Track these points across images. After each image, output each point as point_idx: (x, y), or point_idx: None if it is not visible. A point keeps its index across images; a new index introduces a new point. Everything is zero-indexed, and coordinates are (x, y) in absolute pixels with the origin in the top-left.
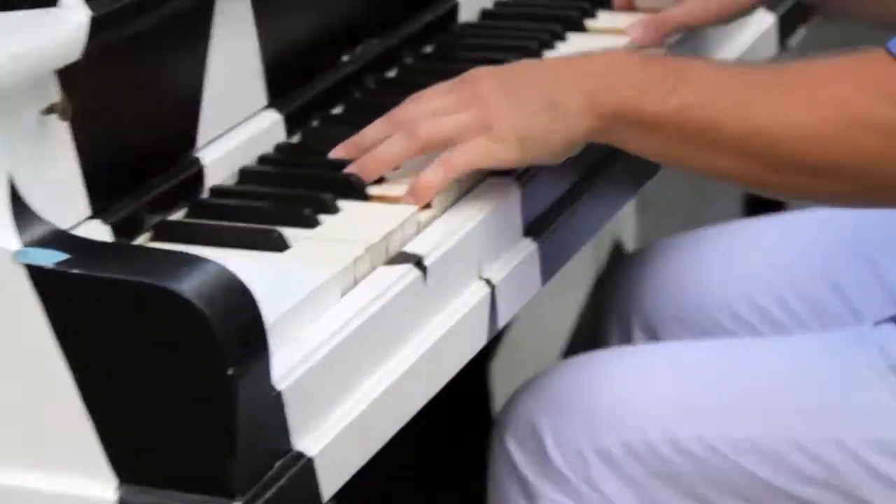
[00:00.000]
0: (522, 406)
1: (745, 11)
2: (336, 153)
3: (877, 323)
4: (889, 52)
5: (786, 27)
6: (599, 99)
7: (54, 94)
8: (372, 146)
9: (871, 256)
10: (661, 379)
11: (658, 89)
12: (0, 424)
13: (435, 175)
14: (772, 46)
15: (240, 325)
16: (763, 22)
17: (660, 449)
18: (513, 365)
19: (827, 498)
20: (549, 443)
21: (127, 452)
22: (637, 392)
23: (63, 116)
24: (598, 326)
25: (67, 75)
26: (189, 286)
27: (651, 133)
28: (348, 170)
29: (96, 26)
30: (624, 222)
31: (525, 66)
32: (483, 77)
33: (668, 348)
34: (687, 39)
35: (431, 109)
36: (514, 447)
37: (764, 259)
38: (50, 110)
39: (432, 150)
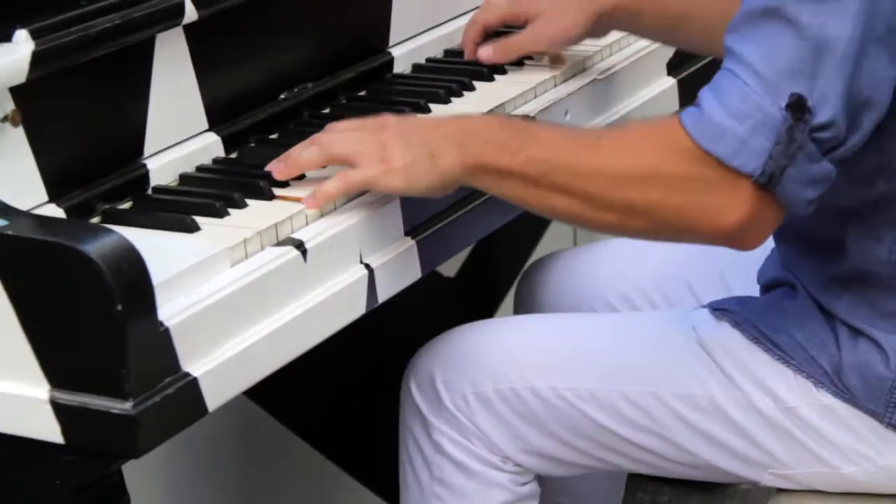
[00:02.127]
0: (424, 360)
1: (574, 42)
2: (270, 165)
3: (697, 308)
4: (681, 121)
5: (685, 89)
6: (466, 152)
7: (9, 106)
8: (293, 157)
9: (721, 266)
10: (527, 340)
11: (509, 147)
12: None
13: (333, 185)
14: (674, 104)
15: (126, 274)
16: (665, 83)
17: (523, 395)
18: None
19: (645, 438)
20: (441, 388)
21: (55, 365)
22: (507, 350)
23: (13, 123)
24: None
25: (19, 93)
26: (91, 246)
27: (503, 181)
28: (267, 168)
29: (37, 58)
30: None
31: (420, 120)
32: (388, 122)
33: (537, 319)
34: (601, 92)
35: (344, 137)
36: (416, 391)
37: (637, 264)
38: (5, 118)
39: (336, 163)
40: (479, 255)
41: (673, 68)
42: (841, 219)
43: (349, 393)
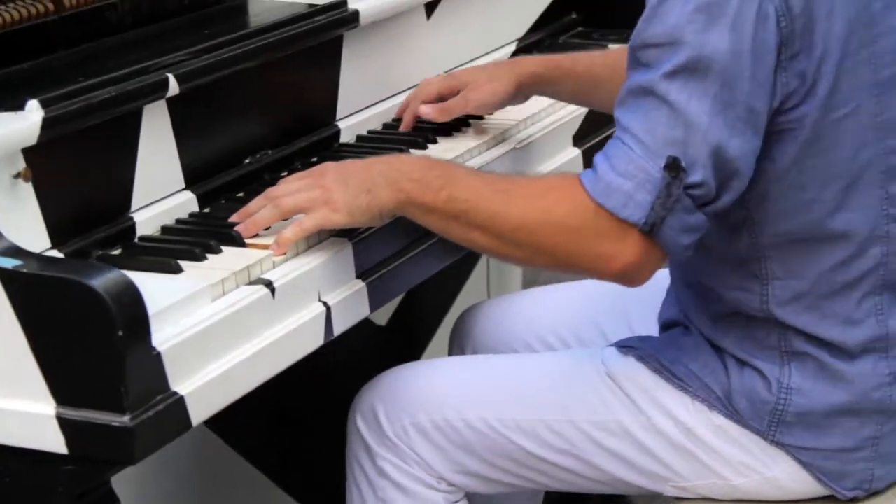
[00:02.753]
0: (367, 395)
1: (499, 106)
2: (232, 218)
3: (606, 346)
4: (580, 181)
5: (587, 156)
6: (397, 187)
7: (21, 164)
8: (253, 213)
9: (626, 309)
10: (459, 377)
11: (433, 185)
12: None
13: (291, 233)
14: (578, 169)
15: (126, 304)
16: (572, 152)
17: (456, 425)
18: None
19: (563, 459)
20: (383, 420)
21: (61, 384)
22: (441, 386)
23: (25, 179)
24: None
25: (30, 153)
26: (96, 281)
27: (428, 214)
28: (236, 229)
29: (46, 124)
30: None
31: (356, 162)
32: (328, 169)
33: (468, 359)
34: (518, 159)
35: (292, 188)
36: (360, 423)
37: (553, 310)
38: (18, 175)
39: (290, 216)
40: (406, 307)
41: (578, 139)
42: (718, 268)
43: (296, 426)
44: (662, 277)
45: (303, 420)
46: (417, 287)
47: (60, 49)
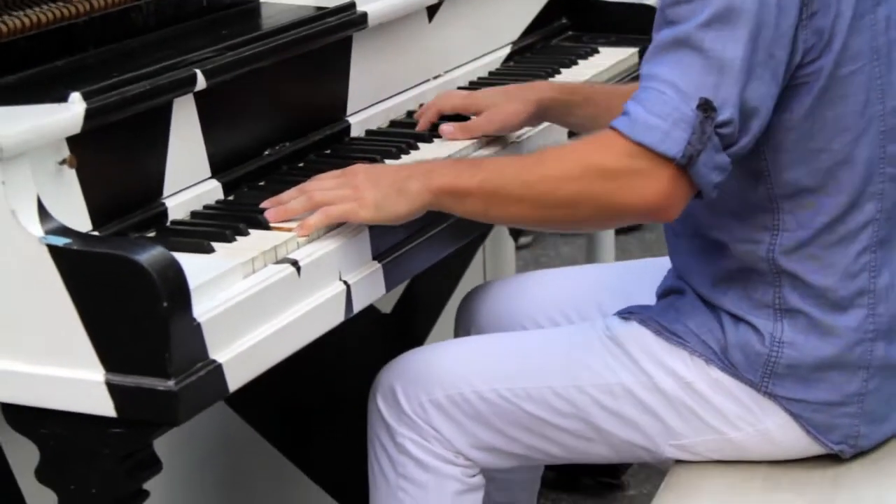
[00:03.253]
0: (386, 376)
1: (518, 128)
2: (263, 204)
3: (608, 317)
4: (613, 127)
5: None
6: (431, 181)
7: (65, 152)
8: (284, 203)
9: (626, 289)
10: (471, 354)
11: (466, 172)
12: (32, 338)
13: (317, 219)
14: None
15: (170, 278)
16: None
17: (469, 398)
18: None
19: (570, 423)
20: (402, 398)
21: (110, 353)
22: (454, 363)
23: (70, 166)
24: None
25: (74, 142)
26: (142, 256)
27: (464, 200)
28: (266, 214)
29: (88, 115)
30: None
31: (385, 166)
32: (358, 169)
33: (479, 338)
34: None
35: (325, 185)
36: (381, 403)
37: (557, 290)
38: (63, 161)
39: (318, 208)
40: (409, 295)
41: (572, 135)
42: (728, 221)
43: (311, 410)
44: (660, 263)
45: (317, 404)
46: (419, 276)
47: (91, 48)
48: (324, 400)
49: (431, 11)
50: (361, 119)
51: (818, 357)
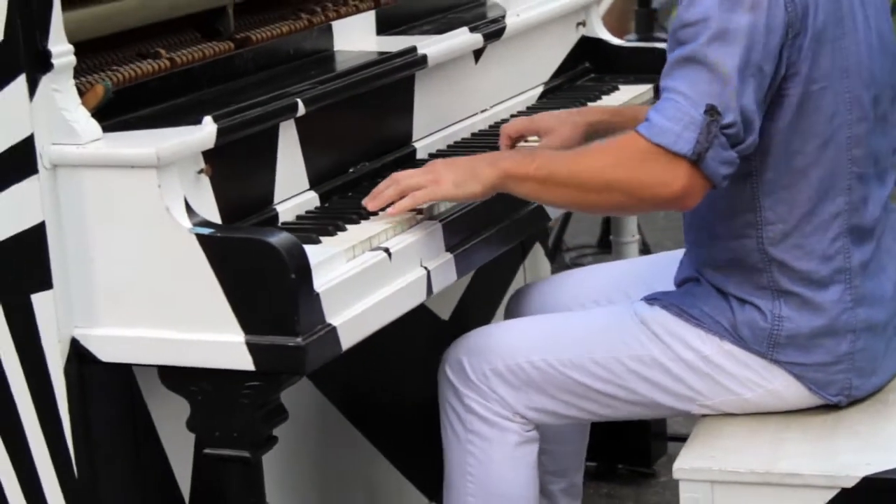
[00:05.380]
0: (453, 351)
1: (576, 146)
2: (364, 201)
3: (637, 301)
4: (637, 131)
5: None
6: (498, 166)
7: (201, 164)
8: (379, 192)
9: (648, 280)
10: (525, 331)
11: (524, 161)
12: (183, 311)
13: (407, 201)
14: None
15: (296, 255)
16: None
17: (524, 367)
18: None
19: (610, 388)
20: (468, 368)
21: (249, 319)
22: (512, 338)
23: (207, 174)
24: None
25: (209, 154)
26: (274, 239)
27: (523, 183)
28: (364, 203)
29: (220, 133)
30: None
31: (459, 157)
32: (437, 161)
33: (531, 318)
34: None
35: (410, 173)
36: (449, 372)
37: (591, 283)
38: (200, 171)
39: (407, 193)
40: (464, 304)
41: None
42: (724, 222)
43: (385, 401)
44: (674, 256)
45: (388, 396)
46: (472, 288)
47: (205, 87)
48: (394, 392)
49: (477, 55)
50: (424, 144)
51: (812, 327)
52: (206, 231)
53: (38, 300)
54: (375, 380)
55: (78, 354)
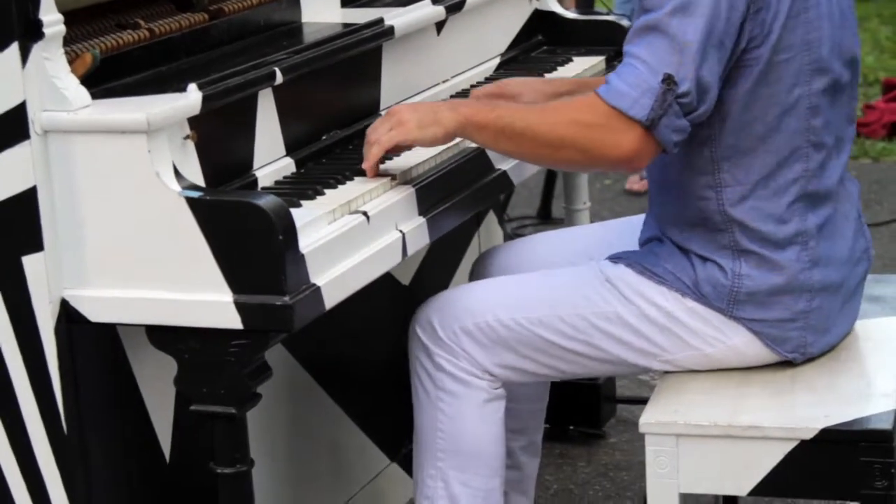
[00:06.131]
0: (423, 310)
1: None
2: (363, 167)
3: (602, 259)
4: (596, 92)
5: None
6: (458, 111)
7: (187, 130)
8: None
9: (609, 241)
10: (494, 290)
11: (484, 109)
12: (172, 271)
13: (374, 151)
14: None
15: (282, 217)
16: None
17: (493, 325)
18: None
19: (576, 345)
20: (437, 326)
21: (237, 278)
22: (481, 297)
23: (193, 140)
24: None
25: (193, 121)
26: (261, 201)
27: (482, 131)
28: (364, 167)
29: (204, 101)
30: None
31: (420, 102)
32: (400, 107)
33: (500, 279)
34: None
35: (376, 127)
36: (419, 331)
37: (553, 247)
38: (186, 137)
39: (385, 146)
40: (422, 269)
41: None
42: (684, 183)
43: (352, 363)
44: (635, 221)
45: (355, 358)
46: (429, 256)
47: (183, 57)
48: (358, 355)
49: (439, 27)
50: None
51: (771, 285)
52: (195, 194)
53: (29, 262)
54: (341, 342)
55: (68, 315)
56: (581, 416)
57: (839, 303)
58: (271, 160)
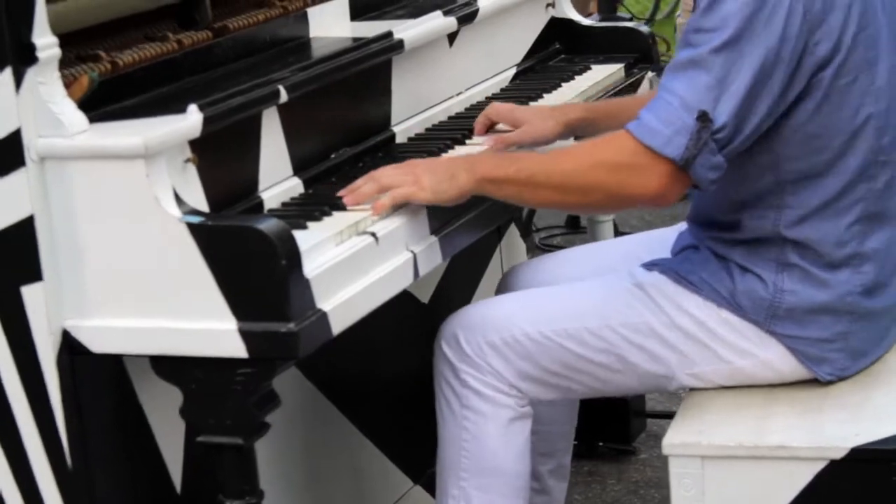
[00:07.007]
0: (449, 325)
1: (549, 142)
2: (340, 193)
3: (635, 267)
4: (626, 129)
5: None
6: (475, 171)
7: (188, 153)
8: (357, 189)
9: (642, 255)
10: (520, 304)
11: (504, 164)
12: (174, 300)
13: (387, 199)
14: None
15: (285, 241)
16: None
17: (519, 339)
18: None
19: (603, 358)
20: (463, 342)
21: (240, 305)
22: (507, 311)
23: (194, 163)
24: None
25: (195, 144)
26: (264, 226)
27: (503, 186)
28: (344, 200)
29: (205, 122)
30: None
31: (438, 159)
32: (417, 161)
33: (525, 292)
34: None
35: (389, 172)
36: (445, 347)
37: (579, 262)
38: (187, 160)
39: (385, 192)
40: (444, 285)
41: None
42: (738, 207)
43: (372, 384)
44: (666, 236)
45: (375, 378)
46: (449, 272)
47: (186, 76)
48: (377, 376)
49: (451, 38)
50: (403, 128)
51: (813, 303)
52: (195, 220)
53: (29, 292)
54: (359, 363)
55: (69, 346)
56: (610, 431)
57: (883, 328)
58: (278, 181)
